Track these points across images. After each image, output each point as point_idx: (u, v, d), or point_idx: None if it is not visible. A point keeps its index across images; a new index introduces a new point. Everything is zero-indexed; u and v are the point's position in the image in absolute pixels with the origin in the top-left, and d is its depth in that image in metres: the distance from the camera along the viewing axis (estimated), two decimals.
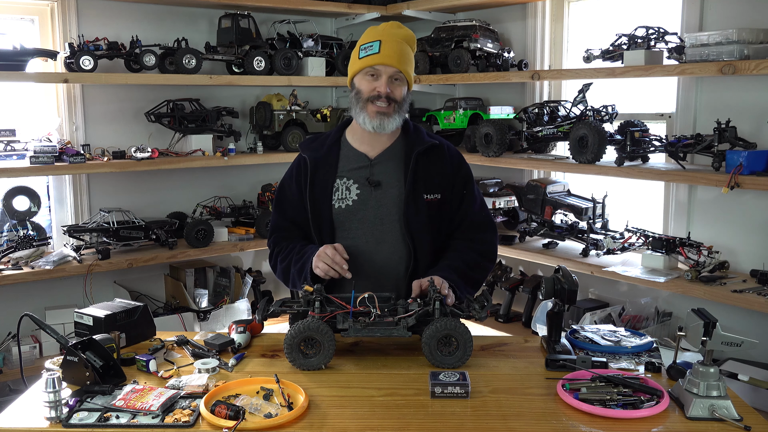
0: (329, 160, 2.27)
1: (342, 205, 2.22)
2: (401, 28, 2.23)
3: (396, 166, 2.25)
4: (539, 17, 3.90)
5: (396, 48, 2.15)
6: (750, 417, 1.61)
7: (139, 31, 3.73)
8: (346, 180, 2.24)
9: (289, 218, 2.32)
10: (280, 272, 2.30)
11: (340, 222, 2.23)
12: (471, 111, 4.05)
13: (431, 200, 2.24)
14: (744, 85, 3.05)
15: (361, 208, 2.22)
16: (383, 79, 2.15)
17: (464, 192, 2.31)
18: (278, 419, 1.58)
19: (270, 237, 2.38)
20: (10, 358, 3.33)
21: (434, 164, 2.27)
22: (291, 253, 2.24)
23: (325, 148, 2.29)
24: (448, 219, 2.29)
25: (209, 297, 3.92)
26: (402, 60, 2.16)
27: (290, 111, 4.09)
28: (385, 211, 2.22)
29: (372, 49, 2.15)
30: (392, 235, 2.22)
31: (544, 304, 3.30)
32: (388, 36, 2.17)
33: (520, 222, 3.97)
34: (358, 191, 2.22)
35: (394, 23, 2.24)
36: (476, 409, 1.67)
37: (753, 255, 3.06)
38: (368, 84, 2.17)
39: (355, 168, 2.25)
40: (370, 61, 2.15)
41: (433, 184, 2.25)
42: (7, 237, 3.42)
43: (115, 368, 1.82)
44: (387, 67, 2.14)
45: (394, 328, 1.88)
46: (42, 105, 3.68)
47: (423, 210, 2.22)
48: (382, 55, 2.13)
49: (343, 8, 4.20)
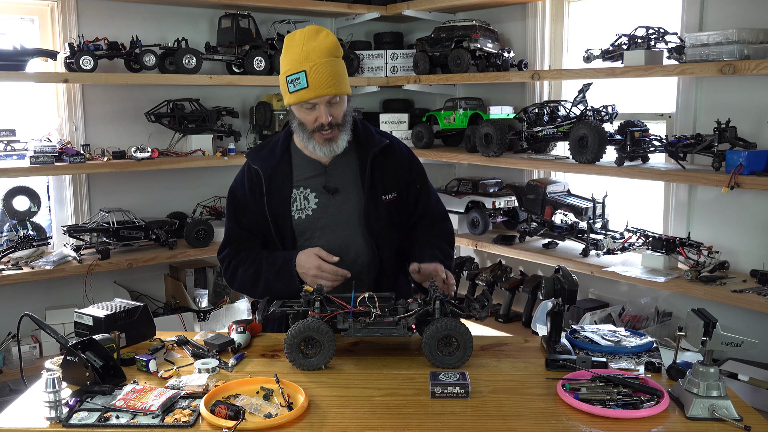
0: (282, 169, 2.24)
1: (302, 215, 2.22)
2: (318, 35, 2.09)
3: (351, 170, 2.24)
4: (539, 17, 3.90)
5: (323, 73, 2.05)
6: (750, 417, 1.61)
7: (139, 31, 3.73)
8: (302, 189, 2.23)
9: (245, 226, 2.28)
10: (242, 281, 2.24)
11: (300, 231, 2.23)
12: (471, 111, 4.05)
13: (389, 200, 2.25)
14: (744, 85, 3.05)
15: (322, 216, 2.22)
16: (321, 109, 2.09)
17: (418, 187, 2.33)
18: (278, 419, 1.58)
19: (223, 249, 2.30)
20: (10, 358, 3.33)
21: (388, 164, 2.27)
22: (258, 260, 2.21)
23: (276, 158, 2.25)
24: (406, 216, 2.32)
25: (209, 297, 3.92)
26: (332, 82, 2.07)
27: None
28: (346, 216, 2.22)
29: (300, 83, 2.05)
30: (355, 239, 2.23)
31: (544, 304, 3.30)
32: (311, 62, 2.05)
33: (520, 222, 3.97)
34: (316, 200, 2.22)
35: (311, 32, 2.10)
36: (476, 409, 1.67)
37: (753, 255, 3.06)
38: (308, 115, 2.12)
39: (310, 176, 2.24)
40: (300, 96, 2.07)
41: (389, 185, 2.26)
42: (7, 237, 3.42)
43: (115, 368, 1.82)
44: (320, 97, 2.08)
45: (394, 328, 1.88)
46: (42, 105, 3.67)
47: (383, 211, 2.23)
48: (311, 89, 2.05)
49: (343, 8, 4.20)
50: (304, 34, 2.10)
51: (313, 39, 2.09)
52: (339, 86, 2.10)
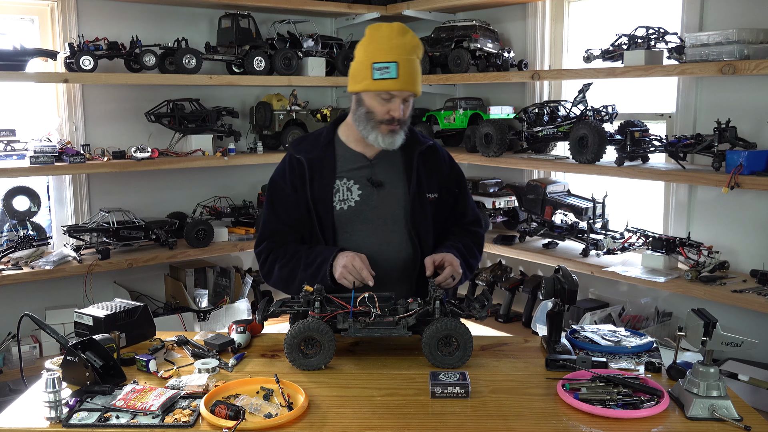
0: (326, 160, 2.23)
1: (344, 206, 2.20)
2: (407, 34, 2.12)
3: (396, 166, 2.25)
4: (539, 17, 3.90)
5: (411, 70, 2.09)
6: (750, 417, 1.61)
7: (139, 31, 3.73)
8: (346, 180, 2.22)
9: (283, 219, 2.26)
10: (279, 278, 2.22)
11: (342, 223, 2.21)
12: (471, 111, 4.05)
13: (432, 199, 2.26)
14: (744, 85, 3.05)
15: (364, 208, 2.21)
16: (397, 103, 2.10)
17: (457, 191, 2.35)
18: (278, 419, 1.58)
19: (261, 242, 2.29)
20: (10, 358, 3.33)
21: (431, 164, 2.29)
22: (295, 258, 2.18)
23: (320, 148, 2.25)
24: (444, 218, 2.32)
25: (209, 297, 3.92)
26: (416, 81, 2.12)
27: (290, 111, 4.09)
28: (389, 210, 2.21)
29: (388, 73, 2.06)
30: (397, 235, 2.22)
31: (544, 304, 3.30)
32: (403, 56, 2.07)
33: (520, 222, 3.97)
34: (359, 192, 2.21)
35: (400, 29, 2.12)
36: (476, 409, 1.67)
37: (753, 255, 3.06)
38: (381, 106, 2.11)
39: (354, 168, 2.23)
40: (388, 86, 2.07)
41: (432, 184, 2.27)
42: (7, 237, 3.42)
43: (115, 368, 1.82)
44: (403, 91, 2.09)
45: (394, 328, 1.88)
46: (42, 105, 3.68)
47: (427, 209, 2.24)
48: (401, 81, 2.06)
49: (343, 8, 4.20)
50: (392, 29, 2.11)
51: (402, 35, 2.11)
52: (419, 86, 2.15)
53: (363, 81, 2.11)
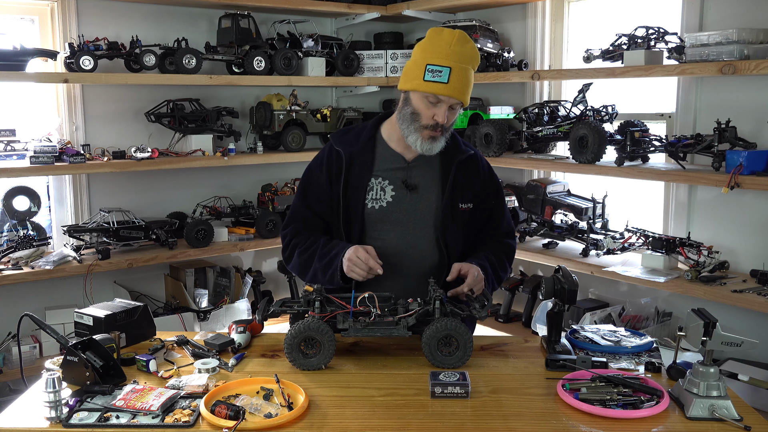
0: (365, 157, 2.22)
1: (375, 205, 2.19)
2: (468, 44, 2.11)
3: (433, 171, 2.23)
4: (539, 17, 3.90)
5: (464, 78, 2.08)
6: (750, 417, 1.61)
7: (139, 31, 3.73)
8: (381, 180, 2.21)
9: (312, 209, 2.26)
10: (296, 265, 2.23)
11: (371, 222, 2.20)
12: (471, 111, 4.05)
13: (465, 209, 2.24)
14: (744, 85, 3.05)
15: (395, 210, 2.19)
16: (443, 108, 2.09)
17: (494, 203, 2.33)
18: (278, 419, 1.58)
19: (288, 225, 2.29)
20: (10, 358, 3.33)
21: (469, 174, 2.26)
22: (313, 247, 2.18)
23: (360, 144, 2.23)
24: (477, 229, 2.30)
25: (209, 297, 3.92)
26: (466, 90, 2.11)
27: (290, 111, 4.09)
28: (419, 215, 2.20)
29: (440, 77, 2.05)
30: (425, 240, 2.21)
31: (544, 304, 3.30)
32: (459, 63, 2.07)
33: (520, 222, 3.97)
34: (393, 193, 2.20)
35: (461, 37, 2.10)
36: (476, 409, 1.67)
37: (753, 255, 3.06)
38: (427, 109, 2.10)
39: (391, 168, 2.22)
40: (436, 89, 2.06)
41: (467, 194, 2.25)
42: (7, 237, 3.42)
43: (115, 368, 1.82)
44: (451, 98, 2.09)
45: (394, 328, 1.88)
46: (42, 105, 3.67)
47: (458, 219, 2.23)
48: (450, 86, 2.05)
49: (343, 8, 4.20)
50: (454, 35, 2.10)
51: (462, 43, 2.10)
52: (467, 96, 2.13)
53: (414, 80, 2.11)
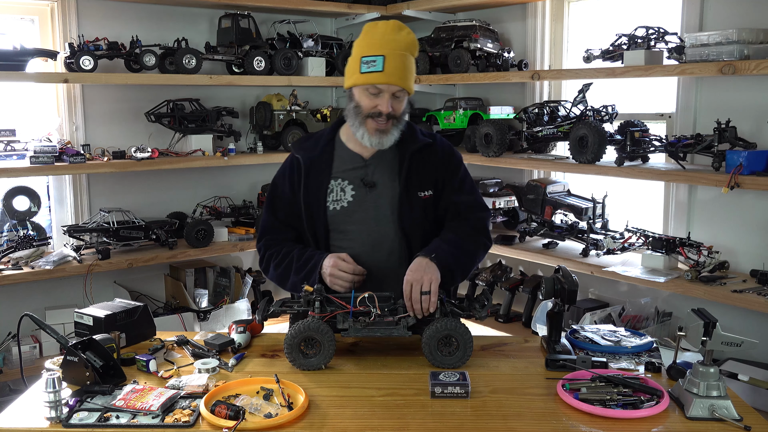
0: (323, 160, 2.23)
1: (337, 206, 2.20)
2: (402, 31, 2.12)
3: (390, 166, 2.23)
4: (539, 17, 3.90)
5: (399, 64, 2.07)
6: (750, 417, 1.61)
7: (139, 31, 3.73)
8: (340, 181, 2.21)
9: (281, 219, 2.28)
10: (274, 276, 2.24)
11: (335, 224, 2.21)
12: (471, 111, 4.05)
13: (426, 197, 2.22)
14: (744, 85, 3.05)
15: (357, 209, 2.20)
16: (385, 98, 2.09)
17: (454, 180, 2.29)
18: (278, 419, 1.58)
19: (261, 238, 2.31)
20: (10, 358, 3.33)
21: (427, 161, 2.25)
22: (287, 259, 2.19)
23: (319, 148, 2.25)
24: (442, 209, 2.27)
25: (209, 297, 3.92)
26: (405, 76, 2.10)
27: (290, 111, 4.09)
28: (381, 212, 2.20)
29: (375, 66, 2.06)
30: (389, 235, 2.20)
31: (544, 304, 3.30)
32: (392, 50, 2.07)
33: (520, 222, 3.97)
34: (353, 192, 2.20)
35: (395, 26, 2.12)
36: (476, 409, 1.67)
37: (753, 255, 3.06)
38: (369, 100, 2.10)
39: (349, 168, 2.23)
40: (372, 79, 2.06)
41: (426, 181, 2.23)
42: (7, 237, 3.42)
43: (115, 368, 1.82)
44: (390, 85, 2.08)
45: (394, 328, 1.88)
46: (42, 105, 3.68)
47: (417, 207, 2.20)
48: (386, 73, 2.05)
49: (343, 8, 4.20)
50: (387, 25, 2.12)
51: (396, 32, 2.11)
52: (408, 82, 2.12)
53: (353, 76, 2.12)
